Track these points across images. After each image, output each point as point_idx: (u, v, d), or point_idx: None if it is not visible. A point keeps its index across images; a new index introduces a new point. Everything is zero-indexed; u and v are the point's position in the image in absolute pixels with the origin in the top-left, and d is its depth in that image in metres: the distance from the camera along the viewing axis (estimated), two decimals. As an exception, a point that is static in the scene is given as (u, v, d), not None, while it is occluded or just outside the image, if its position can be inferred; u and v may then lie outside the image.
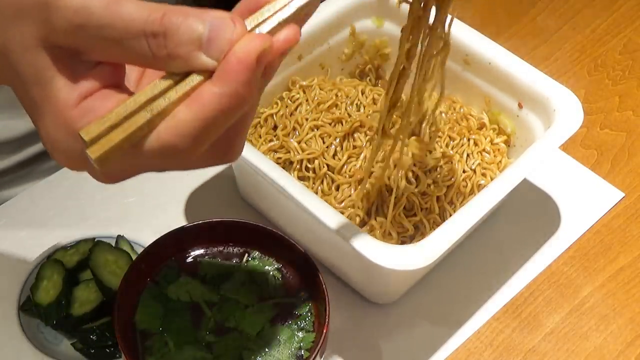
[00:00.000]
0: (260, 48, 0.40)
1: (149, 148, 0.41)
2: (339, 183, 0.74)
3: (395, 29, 0.83)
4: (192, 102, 0.41)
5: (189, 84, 0.41)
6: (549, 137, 0.72)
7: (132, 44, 0.40)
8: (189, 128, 0.41)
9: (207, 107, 0.40)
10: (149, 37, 0.40)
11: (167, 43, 0.40)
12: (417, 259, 0.63)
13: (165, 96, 0.41)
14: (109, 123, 0.41)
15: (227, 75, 0.40)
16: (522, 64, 0.77)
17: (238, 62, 0.40)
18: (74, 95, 0.42)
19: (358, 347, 0.73)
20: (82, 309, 0.68)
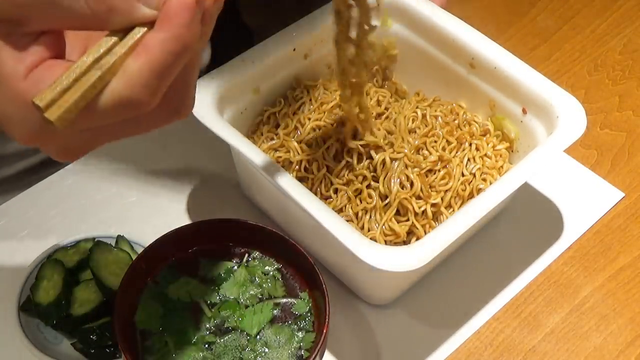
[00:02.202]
0: None
1: (103, 104, 0.41)
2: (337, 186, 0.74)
3: (403, 30, 0.83)
4: (139, 52, 0.41)
5: (134, 37, 0.42)
6: (551, 144, 0.72)
7: (70, 3, 0.40)
8: (141, 78, 0.41)
9: (154, 55, 0.41)
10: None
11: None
12: (410, 261, 0.63)
13: (112, 52, 0.41)
14: (61, 87, 0.41)
15: (169, 19, 0.40)
16: (527, 69, 0.77)
17: (178, 4, 0.40)
18: (21, 68, 0.41)
19: (358, 347, 0.73)
20: (82, 309, 0.68)
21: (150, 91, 0.41)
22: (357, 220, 0.73)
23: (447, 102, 0.82)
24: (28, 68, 0.42)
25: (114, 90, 0.41)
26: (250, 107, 0.79)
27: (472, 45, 0.79)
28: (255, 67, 0.77)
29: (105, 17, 0.41)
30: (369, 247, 0.64)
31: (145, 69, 0.41)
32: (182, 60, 0.42)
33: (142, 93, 0.41)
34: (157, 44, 0.41)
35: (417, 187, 0.73)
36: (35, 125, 0.42)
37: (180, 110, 0.45)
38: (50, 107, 0.41)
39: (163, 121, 0.45)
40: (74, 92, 0.41)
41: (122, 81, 0.41)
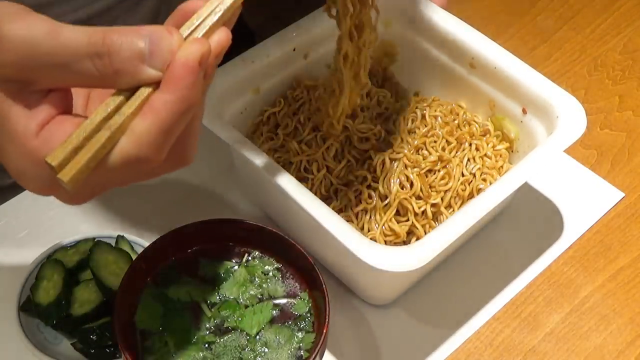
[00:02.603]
0: (200, 52, 0.43)
1: (113, 163, 0.43)
2: (336, 186, 0.74)
3: (403, 31, 0.83)
4: (146, 112, 0.43)
5: (140, 97, 0.43)
6: (551, 144, 0.72)
7: (78, 66, 0.42)
8: (148, 137, 0.43)
9: (160, 115, 0.43)
10: (94, 58, 0.42)
11: (112, 61, 0.42)
12: (410, 261, 0.63)
13: (120, 112, 0.43)
14: (72, 146, 0.42)
15: (174, 81, 0.43)
16: (527, 69, 0.77)
17: (182, 67, 0.43)
18: (32, 126, 0.43)
19: (358, 348, 0.73)
20: (82, 309, 0.68)
21: (157, 149, 0.44)
22: (357, 221, 0.73)
23: (446, 102, 0.82)
24: (39, 125, 0.43)
25: (122, 150, 0.43)
26: (250, 107, 0.79)
27: (472, 45, 0.79)
28: (255, 67, 0.77)
29: (112, 78, 0.43)
30: (369, 247, 0.64)
31: (152, 129, 0.43)
32: (186, 118, 0.44)
33: (149, 151, 0.43)
34: (163, 105, 0.43)
35: (417, 188, 0.73)
36: (47, 181, 0.44)
37: (184, 160, 0.48)
38: (62, 167, 0.42)
39: (167, 170, 0.47)
40: (85, 153, 0.42)
41: (131, 140, 0.43)
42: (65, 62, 0.42)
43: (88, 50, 0.42)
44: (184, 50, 0.43)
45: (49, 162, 0.42)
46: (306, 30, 0.79)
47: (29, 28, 0.42)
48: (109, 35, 0.42)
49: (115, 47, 0.42)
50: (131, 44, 0.42)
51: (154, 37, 0.43)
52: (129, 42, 0.42)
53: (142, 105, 0.43)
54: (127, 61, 0.42)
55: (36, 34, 0.42)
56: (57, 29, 0.42)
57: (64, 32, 0.42)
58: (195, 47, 0.43)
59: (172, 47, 0.43)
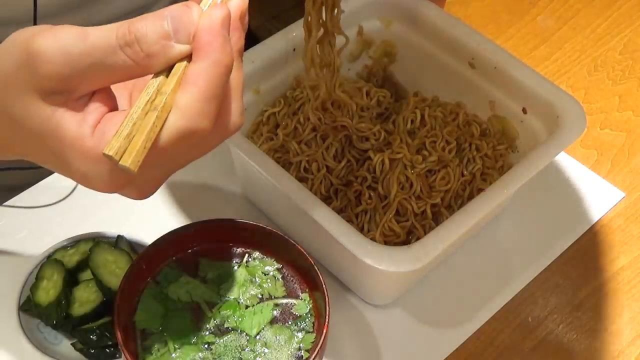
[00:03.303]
0: (221, 15, 0.45)
1: (167, 140, 0.45)
2: (336, 187, 0.74)
3: (403, 30, 0.83)
4: (185, 85, 0.44)
5: (176, 73, 0.45)
6: (551, 144, 0.72)
7: (113, 60, 0.44)
8: (194, 108, 0.44)
9: (199, 83, 0.44)
10: (125, 48, 0.44)
11: (142, 46, 0.44)
12: (410, 261, 0.63)
13: (161, 92, 0.45)
14: (125, 133, 0.44)
15: (202, 47, 0.44)
16: (527, 69, 0.77)
17: (206, 33, 0.44)
18: (85, 128, 0.45)
19: (358, 348, 0.73)
20: (82, 309, 0.68)
21: (205, 117, 0.45)
22: (357, 221, 0.73)
23: (446, 102, 0.82)
24: (92, 126, 0.45)
25: (173, 125, 0.44)
26: (250, 107, 0.79)
27: (472, 45, 0.79)
28: (255, 67, 0.77)
29: (146, 63, 0.44)
30: (369, 247, 0.64)
31: (195, 99, 0.44)
32: (225, 80, 0.45)
33: (198, 121, 0.45)
34: (198, 73, 0.44)
35: (417, 188, 0.73)
36: (112, 176, 0.46)
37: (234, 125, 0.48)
38: (121, 155, 0.44)
39: (221, 139, 0.48)
40: (139, 136, 0.44)
41: (178, 115, 0.44)
42: (99, 60, 0.44)
43: (117, 43, 0.44)
44: (204, 18, 0.45)
45: (107, 154, 0.44)
46: (306, 30, 0.79)
47: (57, 38, 0.44)
48: (133, 24, 0.44)
49: (141, 33, 0.44)
50: (155, 26, 0.44)
51: (174, 15, 0.44)
52: (153, 25, 0.44)
53: (180, 80, 0.45)
54: (155, 43, 0.44)
55: (66, 42, 0.44)
56: (83, 32, 0.44)
57: (91, 33, 0.44)
58: (214, 12, 0.45)
59: (193, 19, 0.45)
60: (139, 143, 0.44)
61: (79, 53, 0.44)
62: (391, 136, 0.76)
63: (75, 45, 0.44)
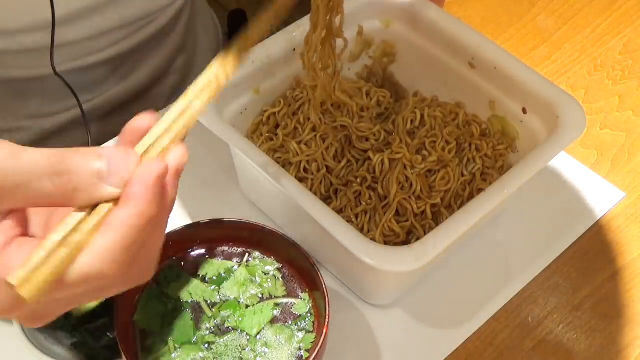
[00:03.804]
0: (157, 171, 0.44)
1: (73, 279, 0.44)
2: (337, 186, 0.74)
3: (403, 30, 0.83)
4: (105, 228, 0.44)
5: (99, 214, 0.44)
6: (551, 143, 0.72)
7: (39, 185, 0.43)
8: (108, 253, 0.44)
9: (120, 230, 0.43)
10: (53, 177, 0.43)
11: (71, 179, 0.43)
12: (410, 261, 0.63)
13: (79, 230, 0.44)
14: (32, 265, 0.43)
15: (131, 197, 0.44)
16: (527, 69, 0.77)
17: (140, 185, 0.44)
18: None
19: (358, 348, 0.73)
20: (82, 309, 0.68)
21: (117, 265, 0.44)
22: (357, 221, 0.73)
23: (446, 102, 0.82)
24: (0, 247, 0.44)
25: (82, 266, 0.43)
26: (250, 107, 0.79)
27: (472, 45, 0.79)
28: (255, 67, 0.77)
29: (70, 195, 0.44)
30: (369, 247, 0.64)
31: (112, 245, 0.43)
32: (146, 233, 0.44)
33: (110, 267, 0.44)
34: (122, 221, 0.43)
35: (417, 188, 0.73)
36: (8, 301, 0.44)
37: (144, 275, 0.48)
38: (23, 285, 0.42)
39: (124, 287, 0.47)
40: (45, 270, 0.43)
41: (90, 257, 0.43)
42: (26, 182, 0.43)
43: (47, 170, 0.43)
44: (141, 170, 0.44)
45: (9, 282, 0.43)
46: (306, 30, 0.79)
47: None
48: (69, 155, 0.44)
49: (74, 166, 0.43)
50: (90, 163, 0.44)
51: (111, 157, 0.44)
52: (88, 162, 0.44)
53: (101, 222, 0.44)
54: (85, 179, 0.44)
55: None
56: (17, 151, 0.43)
57: (25, 153, 0.43)
58: (152, 166, 0.45)
59: (129, 166, 0.44)
60: (42, 277, 0.43)
61: (8, 171, 0.43)
62: (391, 136, 0.76)
63: (6, 162, 0.43)
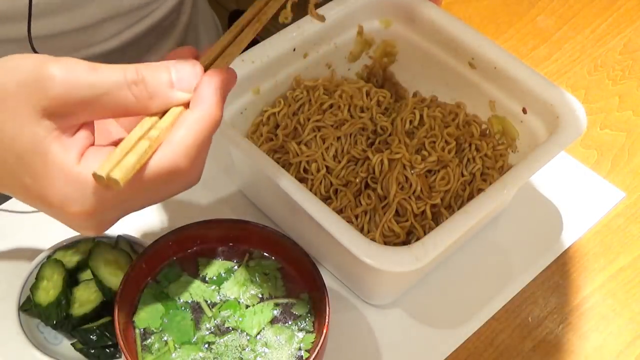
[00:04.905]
0: (221, 77, 0.51)
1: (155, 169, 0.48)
2: (337, 187, 0.74)
3: (403, 30, 0.83)
4: (180, 126, 0.49)
5: (172, 114, 0.49)
6: (551, 143, 0.72)
7: (118, 94, 0.47)
8: (183, 147, 0.48)
9: (193, 128, 0.49)
10: (131, 86, 0.48)
11: (147, 87, 0.48)
12: (410, 261, 0.63)
13: (156, 127, 0.48)
14: (116, 159, 0.46)
15: (202, 100, 0.49)
16: (527, 69, 0.77)
17: (208, 88, 0.50)
18: (73, 155, 0.48)
19: (358, 347, 0.73)
20: (82, 309, 0.68)
21: (189, 159, 0.49)
22: (357, 222, 0.73)
23: (445, 102, 0.82)
24: (79, 154, 0.48)
25: (162, 157, 0.48)
26: (250, 107, 0.79)
27: (472, 45, 0.79)
28: (255, 67, 0.77)
29: (147, 102, 0.48)
30: (369, 247, 0.64)
31: (186, 140, 0.48)
32: (210, 134, 0.50)
33: (184, 161, 0.48)
34: (195, 121, 0.49)
35: (416, 188, 0.73)
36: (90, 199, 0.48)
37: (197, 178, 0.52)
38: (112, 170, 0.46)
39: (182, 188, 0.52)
40: (131, 156, 0.47)
41: (169, 150, 0.48)
42: (106, 92, 0.47)
43: (126, 80, 0.47)
44: (207, 75, 0.50)
45: (97, 174, 0.46)
46: (306, 30, 0.80)
47: (70, 66, 0.47)
48: (141, 68, 0.48)
49: (148, 75, 0.48)
50: (161, 72, 0.49)
51: (179, 67, 0.50)
52: (159, 72, 0.49)
53: (175, 120, 0.49)
54: (159, 86, 0.48)
55: (78, 70, 0.47)
56: (96, 65, 0.47)
57: (102, 68, 0.47)
58: (217, 73, 0.51)
59: (196, 73, 0.50)
60: (130, 162, 0.46)
61: (89, 83, 0.47)
62: (391, 136, 0.76)
63: (86, 75, 0.47)
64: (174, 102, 0.49)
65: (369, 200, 0.73)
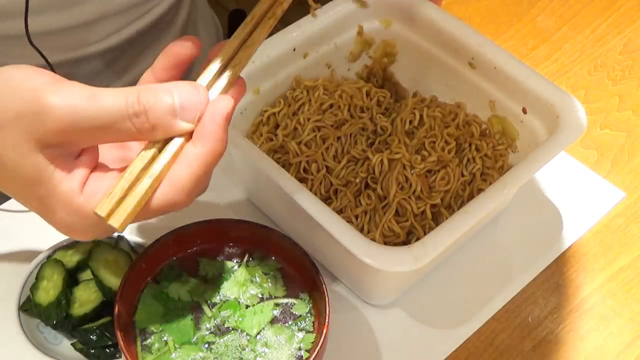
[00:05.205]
0: (228, 108, 0.49)
1: (155, 207, 0.49)
2: (337, 187, 0.74)
3: (403, 30, 0.83)
4: (182, 162, 0.49)
5: (174, 147, 0.49)
6: (551, 143, 0.72)
7: (119, 126, 0.47)
8: (185, 185, 0.49)
9: (195, 166, 0.49)
10: (133, 118, 0.47)
11: (148, 118, 0.47)
12: (410, 261, 0.63)
13: (158, 161, 0.49)
14: (117, 196, 0.47)
15: (206, 136, 0.49)
16: (527, 69, 0.77)
17: (212, 123, 0.49)
18: (75, 184, 0.48)
19: (358, 348, 0.73)
20: (82, 309, 0.68)
21: (189, 196, 0.50)
22: (357, 222, 0.73)
23: (445, 102, 0.82)
24: (81, 183, 0.48)
25: (163, 195, 0.49)
26: (250, 107, 0.79)
27: (472, 45, 0.79)
28: (255, 67, 0.77)
29: (149, 134, 0.48)
30: (369, 247, 0.64)
31: (188, 178, 0.49)
32: (213, 166, 0.50)
33: (184, 197, 0.49)
34: (197, 158, 0.49)
35: (416, 188, 0.73)
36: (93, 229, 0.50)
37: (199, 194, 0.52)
38: (111, 215, 0.47)
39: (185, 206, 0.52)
40: (131, 200, 0.48)
41: (171, 187, 0.49)
42: (106, 124, 0.47)
43: (127, 111, 0.47)
44: (212, 106, 0.49)
45: (98, 214, 0.47)
46: (306, 30, 0.80)
47: (70, 96, 0.46)
48: (143, 94, 0.47)
49: (149, 105, 0.47)
50: (164, 101, 0.48)
51: (183, 94, 0.48)
52: (162, 100, 0.48)
53: (177, 154, 0.49)
54: (162, 117, 0.48)
55: (77, 101, 0.46)
56: (95, 94, 0.46)
57: (103, 96, 0.46)
58: (222, 104, 0.49)
59: (201, 103, 0.49)
60: (130, 207, 0.47)
61: (89, 115, 0.46)
62: (390, 136, 0.76)
63: (86, 107, 0.46)
64: (177, 132, 0.49)
65: (369, 200, 0.73)
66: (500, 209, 0.81)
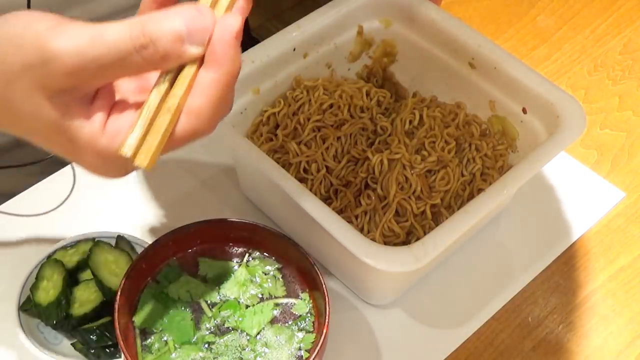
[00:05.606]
0: (235, 27, 0.46)
1: (178, 139, 0.48)
2: (337, 187, 0.74)
3: (403, 30, 0.83)
4: (198, 91, 0.47)
5: (188, 76, 0.47)
6: (551, 144, 0.72)
7: (127, 61, 0.45)
8: (205, 114, 0.47)
9: (212, 92, 0.47)
10: (141, 50, 0.45)
11: (157, 49, 0.45)
12: (410, 261, 0.63)
13: (173, 94, 0.47)
14: (138, 133, 0.46)
15: (217, 58, 0.46)
16: (527, 69, 0.77)
17: (222, 44, 0.46)
18: (95, 127, 0.47)
19: (358, 348, 0.73)
20: (82, 309, 0.68)
21: (211, 122, 0.48)
22: (357, 222, 0.73)
23: (445, 102, 0.82)
24: (101, 124, 0.47)
25: (185, 127, 0.47)
26: (250, 107, 0.79)
27: (472, 45, 0.79)
28: (255, 67, 0.77)
29: (159, 64, 0.46)
30: (369, 247, 0.64)
31: (206, 105, 0.47)
32: (232, 88, 0.48)
33: (206, 125, 0.48)
34: (212, 83, 0.47)
35: (416, 188, 0.73)
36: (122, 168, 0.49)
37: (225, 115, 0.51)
38: (136, 154, 0.46)
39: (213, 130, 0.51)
40: (153, 137, 0.46)
41: (191, 118, 0.47)
42: (113, 62, 0.45)
43: (134, 45, 0.44)
44: (219, 26, 0.46)
45: (123, 154, 0.46)
46: (306, 30, 0.79)
47: (74, 39, 0.44)
48: (148, 25, 0.45)
49: (155, 34, 0.45)
50: (169, 29, 0.45)
51: (188, 18, 0.45)
52: (167, 27, 0.45)
53: (192, 83, 0.47)
54: (169, 45, 0.45)
55: (82, 42, 0.44)
56: (98, 33, 0.45)
57: (106, 33, 0.45)
58: (228, 21, 0.46)
59: (208, 25, 0.46)
60: (154, 145, 0.46)
61: (94, 56, 0.44)
62: (390, 136, 0.76)
63: (91, 47, 0.44)
64: (188, 58, 0.46)
65: (369, 201, 0.73)
66: (501, 209, 0.81)
